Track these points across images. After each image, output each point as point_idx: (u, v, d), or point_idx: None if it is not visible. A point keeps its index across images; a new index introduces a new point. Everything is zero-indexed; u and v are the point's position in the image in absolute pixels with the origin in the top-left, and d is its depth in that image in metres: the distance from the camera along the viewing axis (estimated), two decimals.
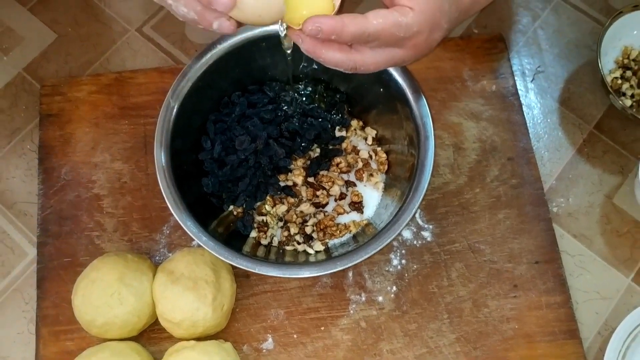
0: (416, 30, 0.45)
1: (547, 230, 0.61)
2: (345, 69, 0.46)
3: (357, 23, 0.43)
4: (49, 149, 0.65)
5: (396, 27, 0.44)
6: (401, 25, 0.44)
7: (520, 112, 0.66)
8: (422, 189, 0.52)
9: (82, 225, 0.62)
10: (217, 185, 0.59)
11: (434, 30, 0.46)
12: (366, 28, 0.43)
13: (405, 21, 0.44)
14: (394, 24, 0.44)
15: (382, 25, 0.43)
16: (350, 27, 0.43)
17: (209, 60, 0.57)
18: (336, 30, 0.43)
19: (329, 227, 0.58)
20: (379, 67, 0.47)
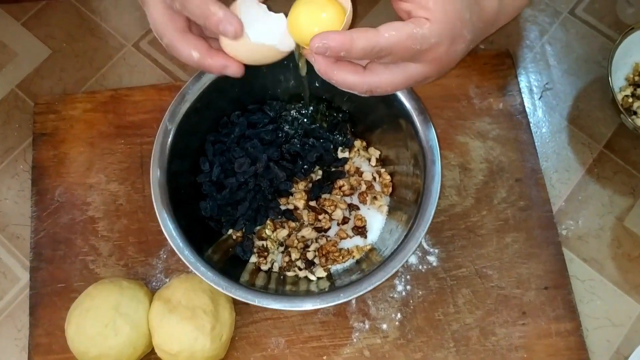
0: (434, 42, 0.42)
1: (556, 255, 0.59)
2: (360, 91, 0.44)
3: (367, 37, 0.41)
4: (42, 169, 0.63)
5: (411, 39, 0.41)
6: (417, 37, 0.41)
7: (528, 131, 0.64)
8: (428, 217, 0.50)
9: (77, 249, 0.60)
10: (215, 209, 0.57)
11: (455, 41, 0.43)
12: (377, 42, 0.40)
13: (421, 32, 0.41)
14: (408, 35, 0.41)
15: (395, 37, 0.40)
16: (360, 42, 0.40)
17: (208, 80, 0.55)
18: (345, 45, 0.40)
19: (331, 252, 0.56)
20: (397, 87, 0.44)
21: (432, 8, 0.41)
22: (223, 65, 0.44)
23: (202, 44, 0.43)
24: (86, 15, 0.70)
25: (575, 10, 0.70)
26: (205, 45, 0.44)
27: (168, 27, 0.43)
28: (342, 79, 0.43)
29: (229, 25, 0.40)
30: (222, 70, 0.44)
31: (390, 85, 0.44)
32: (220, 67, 0.44)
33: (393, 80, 0.43)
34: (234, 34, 0.41)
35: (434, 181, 0.51)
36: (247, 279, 0.55)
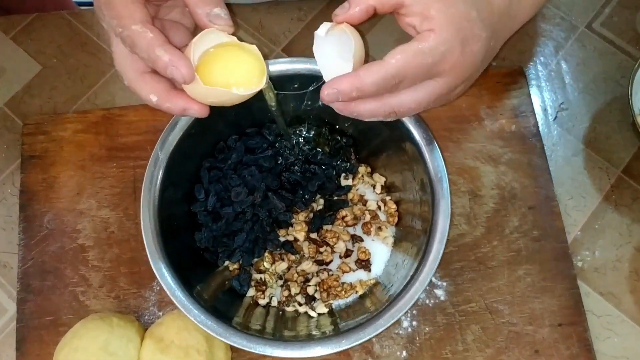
0: (444, 50, 0.39)
1: (571, 289, 0.56)
2: (385, 117, 0.42)
3: (375, 70, 0.39)
4: (31, 194, 0.60)
5: (419, 55, 0.39)
6: (424, 52, 0.39)
7: (542, 155, 0.60)
8: (436, 257, 0.47)
9: (66, 280, 0.57)
10: (211, 240, 0.54)
11: (468, 42, 0.40)
12: (386, 71, 0.39)
13: (427, 45, 0.39)
14: (415, 53, 0.39)
15: (402, 60, 0.39)
16: (369, 77, 0.39)
17: None
18: (354, 86, 0.39)
19: (333, 287, 0.53)
20: (421, 103, 0.42)
21: (435, 15, 0.40)
22: (182, 108, 0.41)
23: (161, 86, 0.41)
24: (78, 29, 0.67)
25: (592, 25, 0.66)
26: (164, 87, 0.41)
27: (127, 68, 0.42)
28: (361, 109, 0.42)
29: (176, 71, 0.38)
30: (182, 113, 0.42)
31: (413, 104, 0.42)
32: (180, 110, 0.42)
33: (415, 97, 0.41)
34: (182, 79, 0.39)
35: (443, 217, 0.48)
36: (243, 315, 0.52)
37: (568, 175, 0.61)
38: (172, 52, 0.39)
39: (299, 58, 0.52)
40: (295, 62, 0.52)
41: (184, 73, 0.38)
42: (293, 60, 0.52)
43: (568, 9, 0.67)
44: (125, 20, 0.39)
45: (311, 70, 0.52)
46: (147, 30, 0.39)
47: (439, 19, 0.40)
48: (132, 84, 0.42)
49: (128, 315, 0.55)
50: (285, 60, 0.52)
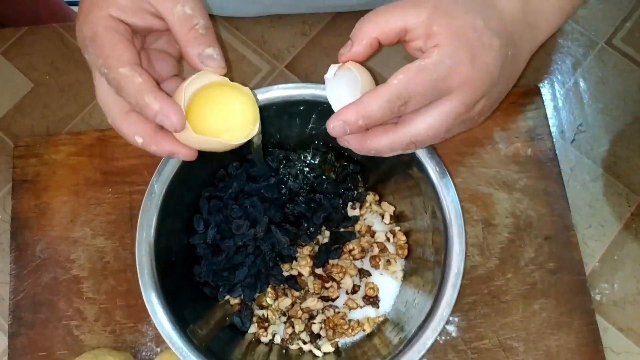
0: (451, 64, 0.37)
1: (589, 325, 0.53)
2: (404, 149, 0.40)
3: (378, 93, 0.37)
4: (23, 221, 0.57)
5: (422, 71, 0.36)
6: (427, 67, 0.36)
7: (559, 181, 0.57)
8: (450, 300, 0.44)
9: (59, 313, 0.54)
10: (210, 274, 0.51)
11: (478, 53, 0.37)
12: (389, 92, 0.36)
13: (430, 61, 0.36)
14: (418, 70, 0.36)
15: (405, 78, 0.36)
16: (373, 102, 0.37)
17: None
18: (359, 113, 0.37)
19: (339, 325, 0.50)
20: (438, 129, 0.39)
21: (438, 31, 0.37)
22: (170, 152, 0.39)
23: (147, 127, 0.39)
24: (71, 43, 0.64)
25: (612, 40, 0.63)
26: (151, 128, 0.39)
27: (111, 106, 0.39)
28: (378, 145, 0.40)
29: (166, 119, 0.36)
30: (170, 156, 0.40)
31: (430, 130, 0.39)
32: (167, 154, 0.40)
33: (431, 122, 0.38)
34: (172, 128, 0.36)
35: (457, 259, 0.45)
36: (244, 353, 0.49)
37: (586, 202, 0.58)
38: (162, 99, 0.36)
39: (304, 84, 0.49)
40: (300, 87, 0.49)
41: (174, 122, 0.36)
42: (298, 86, 0.49)
43: (587, 23, 0.63)
44: (112, 61, 0.36)
45: (316, 96, 0.49)
46: (135, 73, 0.36)
47: (442, 33, 0.37)
48: (116, 123, 0.39)
49: (124, 351, 0.52)
50: (290, 85, 0.49)
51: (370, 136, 0.40)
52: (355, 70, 0.40)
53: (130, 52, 0.37)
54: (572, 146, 0.60)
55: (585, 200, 0.58)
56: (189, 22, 0.37)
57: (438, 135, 0.40)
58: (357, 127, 0.38)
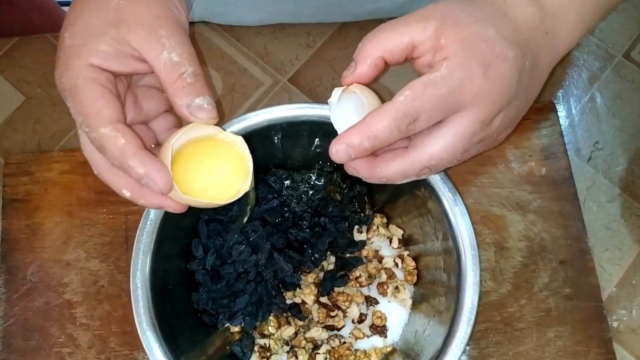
0: (461, 76, 0.34)
1: (606, 354, 0.51)
2: (418, 175, 0.37)
3: (383, 112, 0.34)
4: (13, 242, 0.54)
5: (431, 86, 0.34)
6: (436, 81, 0.34)
7: (575, 202, 0.55)
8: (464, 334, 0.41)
9: (52, 339, 0.52)
10: (210, 301, 0.49)
11: (490, 65, 0.34)
12: (396, 110, 0.34)
13: (438, 75, 0.34)
14: (426, 84, 0.34)
15: (411, 94, 0.34)
16: (379, 122, 0.34)
17: None
18: (364, 133, 0.34)
19: (345, 355, 0.48)
20: (455, 150, 0.36)
21: (446, 43, 0.35)
22: (158, 205, 0.37)
23: (133, 181, 0.36)
24: None
25: (630, 54, 0.60)
26: (137, 182, 0.36)
27: (96, 160, 0.37)
28: (389, 172, 0.37)
29: (152, 183, 0.34)
30: (159, 209, 0.38)
31: (445, 151, 0.36)
32: (156, 207, 0.37)
33: (444, 143, 0.35)
34: (158, 191, 0.34)
35: (471, 292, 0.42)
36: None
37: (603, 224, 0.56)
38: (147, 162, 0.33)
39: (308, 104, 0.46)
40: (304, 107, 0.46)
41: (160, 186, 0.34)
42: (302, 106, 0.46)
43: (604, 35, 0.61)
44: (93, 119, 0.34)
45: (321, 117, 0.46)
46: (118, 134, 0.33)
47: (450, 45, 0.34)
48: (103, 176, 0.37)
49: None
50: (294, 105, 0.46)
51: (379, 162, 0.37)
52: (361, 93, 0.37)
53: (111, 107, 0.34)
54: (588, 165, 0.57)
55: (602, 221, 0.56)
56: (176, 71, 0.35)
57: (454, 157, 0.37)
58: (363, 150, 0.35)
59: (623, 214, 0.56)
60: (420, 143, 0.36)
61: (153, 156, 0.34)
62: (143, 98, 0.39)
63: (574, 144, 0.58)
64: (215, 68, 0.60)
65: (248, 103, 0.59)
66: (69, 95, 0.35)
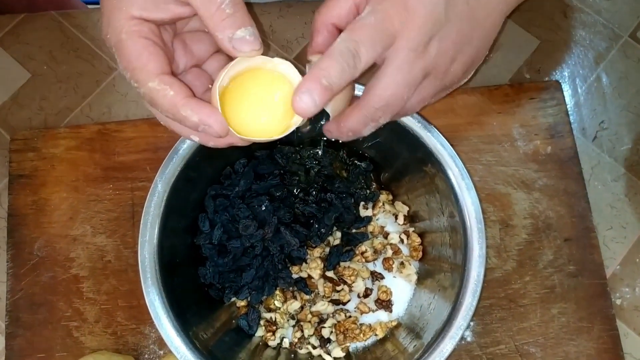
0: (383, 7, 0.35)
1: (609, 330, 0.51)
2: (375, 120, 0.38)
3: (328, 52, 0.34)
4: (20, 217, 0.55)
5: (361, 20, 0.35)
6: (364, 16, 0.35)
7: (580, 181, 0.55)
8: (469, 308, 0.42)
9: (59, 313, 0.52)
10: (216, 276, 0.49)
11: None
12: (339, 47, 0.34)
13: (366, 11, 0.35)
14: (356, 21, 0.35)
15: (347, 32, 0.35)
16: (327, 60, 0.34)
17: None
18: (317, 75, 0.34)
19: (350, 329, 0.48)
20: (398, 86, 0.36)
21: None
22: (226, 144, 0.37)
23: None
24: (70, 32, 0.61)
25: (637, 34, 0.60)
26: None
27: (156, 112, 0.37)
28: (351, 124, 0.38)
29: (209, 129, 0.34)
30: (229, 146, 0.38)
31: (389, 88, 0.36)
32: (225, 145, 0.38)
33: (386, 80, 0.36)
34: (217, 135, 0.34)
35: (477, 265, 0.42)
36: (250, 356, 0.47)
37: (607, 203, 0.56)
38: (198, 109, 0.33)
39: None
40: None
41: (217, 131, 0.34)
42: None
43: (610, 15, 0.61)
44: (139, 74, 0.34)
45: None
46: (165, 87, 0.33)
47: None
48: (170, 127, 0.38)
49: (126, 355, 0.50)
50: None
51: (343, 118, 0.38)
52: None
53: (156, 60, 0.34)
54: (593, 144, 0.57)
55: (607, 200, 0.56)
56: (214, 3, 0.34)
57: (401, 95, 0.36)
58: (323, 91, 0.33)
59: (628, 193, 0.56)
60: (368, 87, 0.37)
61: (203, 102, 0.34)
62: (192, 42, 0.39)
63: (579, 123, 0.58)
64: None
65: None
66: (115, 50, 0.35)
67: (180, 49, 0.38)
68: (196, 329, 0.45)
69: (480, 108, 0.57)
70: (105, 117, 0.58)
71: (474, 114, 0.56)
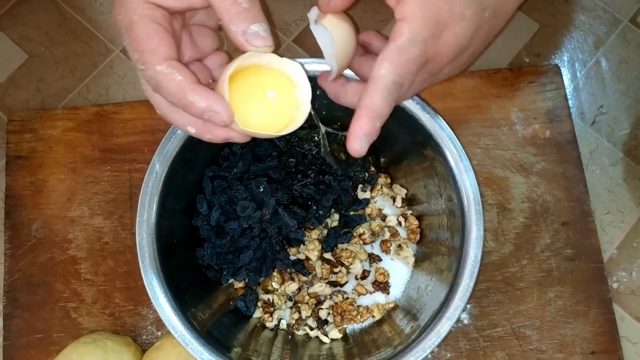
0: (423, 38, 0.35)
1: (606, 314, 0.52)
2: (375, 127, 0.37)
3: (375, 89, 0.35)
4: (17, 199, 0.55)
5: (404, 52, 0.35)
6: (406, 46, 0.35)
7: (578, 165, 0.55)
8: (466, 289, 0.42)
9: (56, 294, 0.52)
10: (214, 257, 0.49)
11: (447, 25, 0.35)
12: (386, 83, 0.35)
13: (405, 39, 0.35)
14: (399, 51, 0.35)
15: (392, 65, 0.35)
16: (377, 100, 0.35)
17: None
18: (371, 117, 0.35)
19: (347, 311, 0.48)
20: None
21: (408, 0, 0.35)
22: (224, 138, 0.37)
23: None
24: (68, 13, 0.61)
25: (637, 19, 0.60)
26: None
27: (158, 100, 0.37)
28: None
29: (215, 116, 0.34)
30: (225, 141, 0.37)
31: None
32: (222, 140, 0.37)
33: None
34: (222, 123, 0.34)
35: (475, 247, 0.42)
36: (247, 339, 0.47)
37: (605, 187, 0.56)
38: (206, 95, 0.33)
39: (314, 59, 0.46)
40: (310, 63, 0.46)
41: (223, 118, 0.34)
42: (307, 61, 0.46)
43: (610, 0, 0.60)
44: (148, 56, 0.33)
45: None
46: (174, 71, 0.33)
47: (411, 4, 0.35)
48: (167, 116, 0.37)
49: (124, 336, 0.50)
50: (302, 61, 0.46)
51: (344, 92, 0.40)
52: (333, 29, 0.37)
53: (166, 45, 0.34)
54: (592, 129, 0.57)
55: (605, 185, 0.56)
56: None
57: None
58: (376, 130, 0.36)
59: (625, 178, 0.56)
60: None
61: (211, 90, 0.34)
62: (197, 36, 0.39)
63: (578, 107, 0.58)
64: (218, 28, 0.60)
65: None
66: (125, 32, 0.35)
67: (187, 41, 0.38)
68: (194, 310, 0.46)
69: (479, 92, 0.56)
70: (103, 99, 0.58)
71: (472, 97, 0.56)
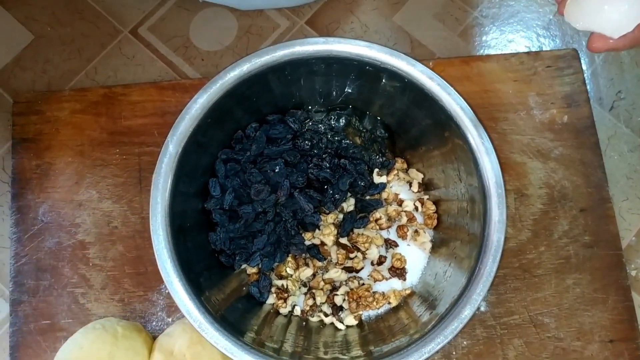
0: None
1: (624, 301, 0.51)
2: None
3: None
4: (23, 182, 0.53)
5: None
6: None
7: (596, 151, 0.54)
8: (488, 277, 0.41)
9: (64, 279, 0.51)
10: (227, 242, 0.48)
11: None
12: None
13: None
14: None
15: None
16: None
17: (219, 90, 0.44)
18: None
19: (363, 297, 0.47)
20: None
21: None
22: None
23: None
24: None
25: None
26: None
27: None
28: None
29: None
30: None
31: None
32: None
33: None
34: None
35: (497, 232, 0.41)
36: (261, 325, 0.46)
37: (623, 173, 0.55)
38: None
39: (335, 38, 0.44)
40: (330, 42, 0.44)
41: None
42: (328, 41, 0.44)
43: None
44: None
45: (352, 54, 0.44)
46: None
47: None
48: None
49: (134, 322, 0.49)
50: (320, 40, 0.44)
51: None
52: None
53: None
54: (610, 114, 0.56)
55: (623, 171, 0.55)
56: None
57: None
58: None
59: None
60: None
61: None
62: None
63: (596, 92, 0.57)
64: (230, 9, 0.58)
65: (264, 46, 0.57)
66: None
67: None
68: (208, 294, 0.44)
69: (496, 75, 0.55)
70: (111, 81, 0.57)
71: (489, 81, 0.55)
